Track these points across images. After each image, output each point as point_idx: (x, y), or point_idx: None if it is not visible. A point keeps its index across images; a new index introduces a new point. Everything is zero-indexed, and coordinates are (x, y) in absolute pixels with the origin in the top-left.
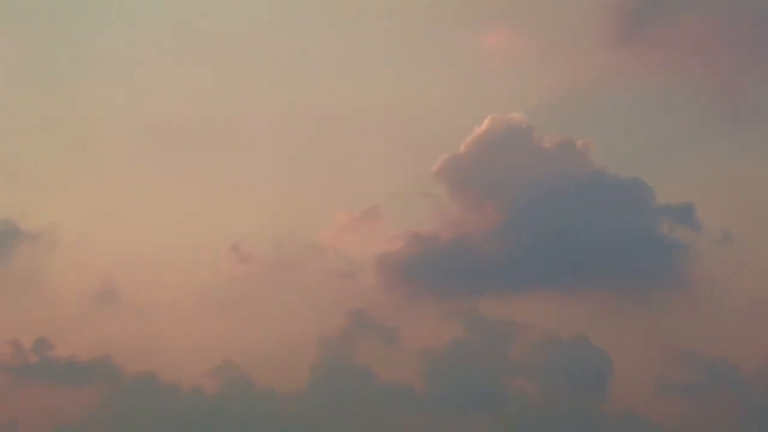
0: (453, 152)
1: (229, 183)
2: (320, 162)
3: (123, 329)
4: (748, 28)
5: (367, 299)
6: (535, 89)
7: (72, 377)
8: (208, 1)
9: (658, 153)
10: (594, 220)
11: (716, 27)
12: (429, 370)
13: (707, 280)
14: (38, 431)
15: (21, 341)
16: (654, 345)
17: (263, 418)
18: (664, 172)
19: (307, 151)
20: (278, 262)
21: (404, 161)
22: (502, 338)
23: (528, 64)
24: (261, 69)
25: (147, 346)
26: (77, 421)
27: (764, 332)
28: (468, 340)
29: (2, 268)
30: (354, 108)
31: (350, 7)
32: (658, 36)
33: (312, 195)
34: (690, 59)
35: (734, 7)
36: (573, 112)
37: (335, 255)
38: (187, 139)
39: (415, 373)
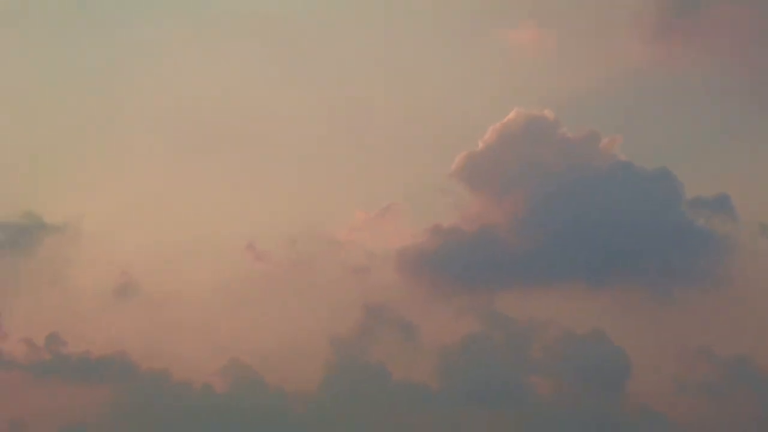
0: (476, 147)
1: (249, 180)
2: (340, 159)
3: (138, 324)
4: None
5: (384, 296)
6: (563, 84)
7: (86, 374)
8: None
9: (690, 145)
10: (619, 212)
11: (747, 19)
12: (445, 367)
13: (743, 274)
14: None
15: (37, 337)
16: (675, 342)
17: (275, 417)
18: (697, 164)
19: (326, 148)
20: (295, 260)
21: (426, 157)
22: (520, 335)
23: (556, 61)
24: (280, 66)
25: (161, 342)
26: (87, 420)
27: None
28: (485, 336)
29: (25, 261)
30: (375, 105)
31: (375, 3)
32: (689, 29)
33: (331, 192)
34: (721, 51)
35: None
36: (601, 107)
37: (352, 252)
38: (208, 136)
39: (431, 370)
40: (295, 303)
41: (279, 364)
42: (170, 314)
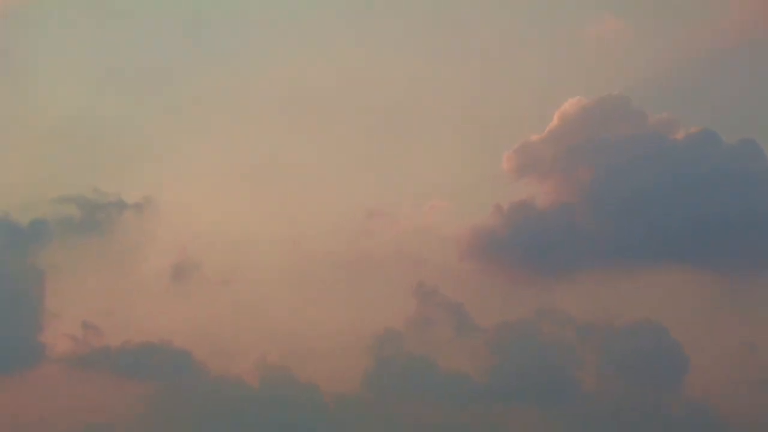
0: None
1: (315, 164)
2: (399, 144)
3: (189, 311)
4: None
5: (437, 284)
6: (641, 74)
7: (133, 363)
8: None
9: None
10: (696, 188)
11: None
12: (493, 360)
13: None
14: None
15: (76, 326)
16: (740, 336)
17: (317, 412)
18: None
19: (385, 133)
20: (350, 249)
21: (490, 143)
22: (573, 327)
23: (631, 51)
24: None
25: (206, 333)
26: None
27: None
28: (535, 327)
29: (95, 239)
30: (444, 92)
31: None
32: None
33: (393, 178)
34: None
35: None
36: (679, 93)
37: (408, 239)
38: (279, 120)
39: (479, 362)
40: (348, 292)
41: (328, 357)
42: (223, 301)
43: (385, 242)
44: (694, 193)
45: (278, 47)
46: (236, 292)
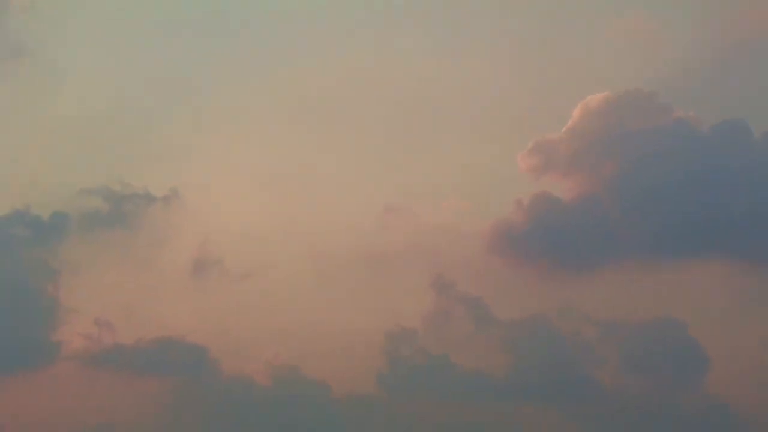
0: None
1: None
2: (416, 137)
3: (206, 307)
4: None
5: (448, 284)
6: (664, 66)
7: (150, 359)
8: None
9: None
10: (717, 177)
11: None
12: (511, 357)
13: None
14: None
15: (89, 323)
16: (762, 335)
17: (334, 410)
18: None
19: (405, 128)
20: (366, 250)
21: (507, 138)
22: (593, 324)
23: (657, 45)
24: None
25: (226, 327)
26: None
27: None
28: (554, 323)
29: (118, 232)
30: (472, 89)
31: None
32: None
33: (411, 174)
34: None
35: None
36: (705, 86)
37: (422, 240)
38: (300, 118)
39: (495, 361)
40: (365, 289)
41: (339, 353)
42: (241, 298)
43: (402, 239)
44: (718, 187)
45: (300, 48)
46: (254, 289)
